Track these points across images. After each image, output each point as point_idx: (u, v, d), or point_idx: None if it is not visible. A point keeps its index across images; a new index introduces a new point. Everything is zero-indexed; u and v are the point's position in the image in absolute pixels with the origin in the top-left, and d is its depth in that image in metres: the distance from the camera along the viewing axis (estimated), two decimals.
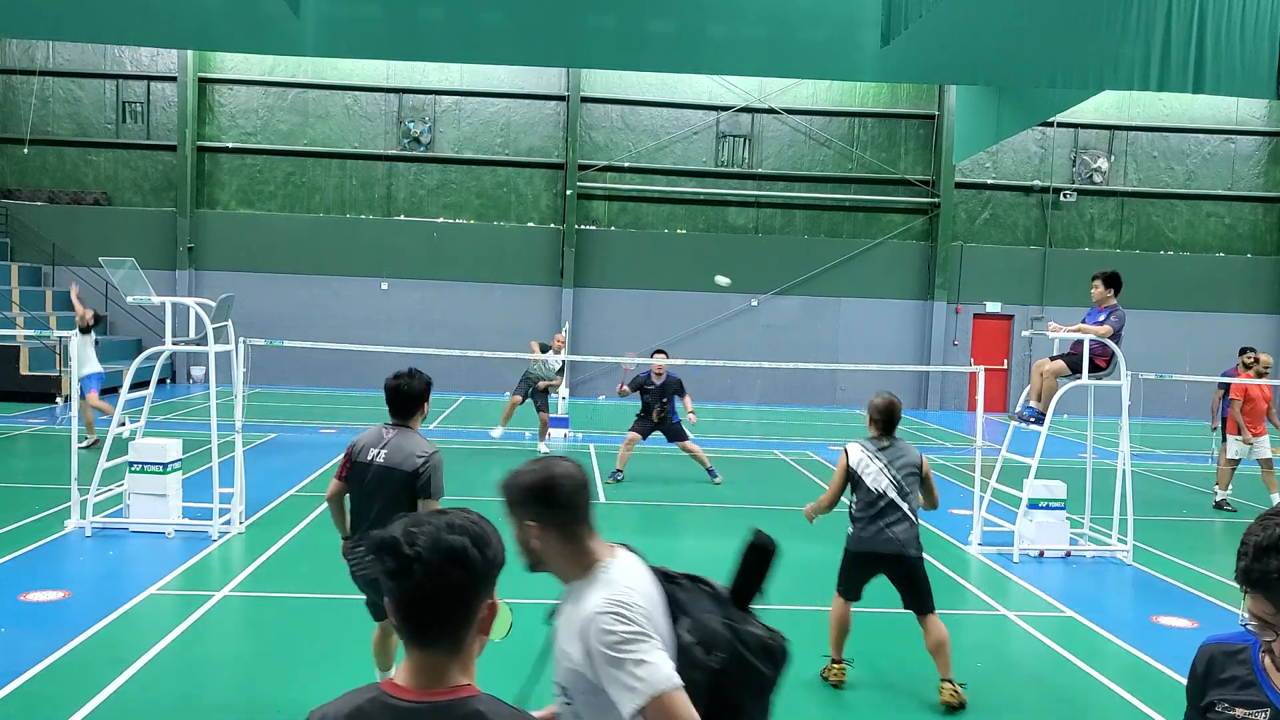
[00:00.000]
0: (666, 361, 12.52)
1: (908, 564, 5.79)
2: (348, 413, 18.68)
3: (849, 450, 5.98)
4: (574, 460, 2.49)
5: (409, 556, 1.68)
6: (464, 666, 1.76)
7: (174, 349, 9.49)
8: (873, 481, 5.82)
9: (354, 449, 5.05)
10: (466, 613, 1.74)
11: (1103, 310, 9.30)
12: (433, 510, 1.79)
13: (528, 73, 23.82)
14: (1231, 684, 2.15)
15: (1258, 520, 2.02)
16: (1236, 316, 25.03)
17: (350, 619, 6.96)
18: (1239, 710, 2.11)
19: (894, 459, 5.89)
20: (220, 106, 23.92)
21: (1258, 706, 2.09)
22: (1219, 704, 2.15)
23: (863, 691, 6.00)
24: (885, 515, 5.77)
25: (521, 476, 2.44)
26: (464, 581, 1.71)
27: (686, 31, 11.90)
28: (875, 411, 6.09)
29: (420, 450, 4.90)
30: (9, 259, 23.03)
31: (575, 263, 24.11)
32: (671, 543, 10.02)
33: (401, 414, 5.08)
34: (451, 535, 1.71)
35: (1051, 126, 24.36)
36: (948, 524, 10.69)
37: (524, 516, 2.41)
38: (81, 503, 9.12)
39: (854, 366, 17.91)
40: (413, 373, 5.13)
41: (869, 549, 5.81)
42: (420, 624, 1.72)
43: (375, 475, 4.90)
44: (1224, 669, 2.18)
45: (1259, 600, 1.97)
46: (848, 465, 5.92)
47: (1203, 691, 2.21)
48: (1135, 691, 6.07)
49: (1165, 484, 14.23)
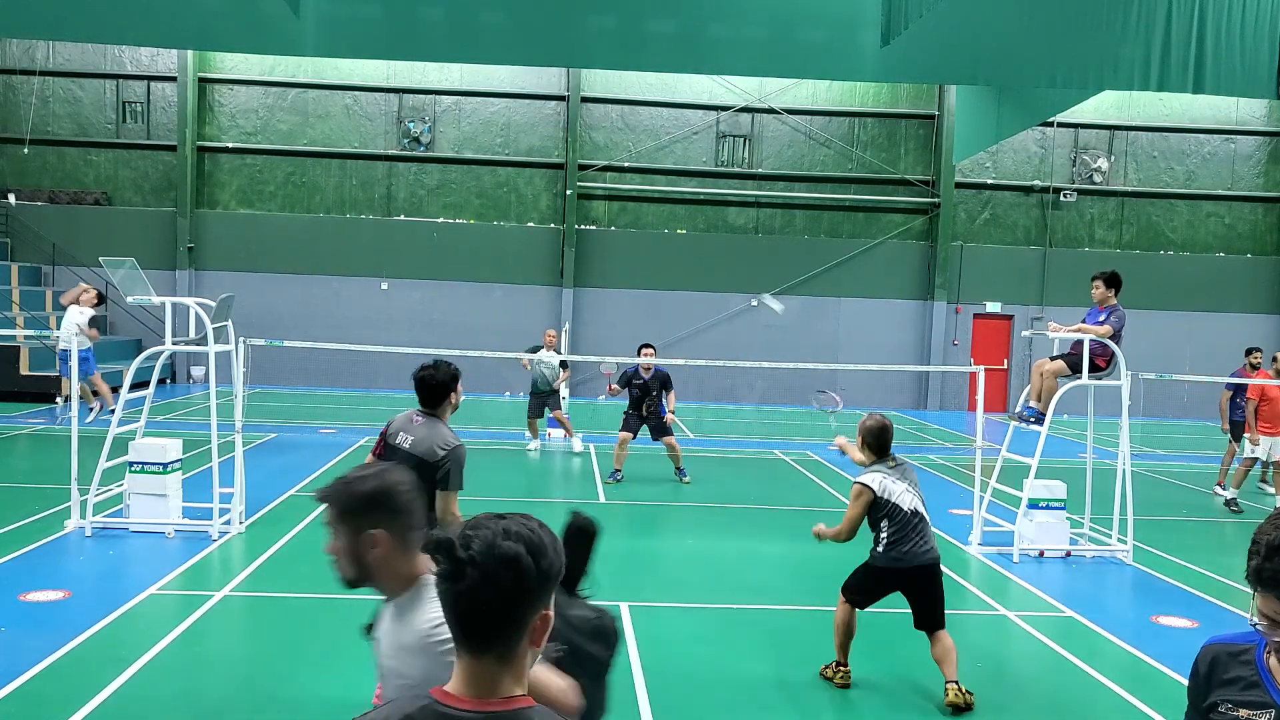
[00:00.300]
0: (653, 360, 12.50)
1: (935, 573, 5.89)
2: (348, 413, 18.67)
3: (869, 483, 5.92)
4: (401, 466, 2.44)
5: (462, 559, 1.67)
6: (517, 676, 1.73)
7: (174, 349, 9.49)
8: (907, 504, 5.89)
9: (388, 430, 5.15)
10: (518, 621, 1.70)
11: (1103, 310, 9.30)
12: (494, 514, 1.76)
13: (528, 73, 23.81)
14: (1235, 684, 2.14)
15: (1269, 519, 2.01)
16: (1236, 316, 25.03)
17: (350, 619, 6.96)
18: (1243, 711, 2.10)
19: (908, 476, 6.03)
20: (220, 106, 23.92)
21: (1263, 707, 2.08)
22: (1222, 704, 2.14)
23: (864, 691, 6.00)
24: (919, 529, 5.88)
25: (358, 485, 2.38)
26: (515, 589, 1.68)
27: (686, 31, 11.89)
28: (869, 435, 6.09)
29: (444, 442, 4.95)
30: (9, 259, 23.02)
31: (575, 263, 24.10)
32: (671, 543, 10.03)
33: (430, 403, 5.15)
34: (506, 541, 1.68)
35: (1051, 126, 24.35)
36: (948, 524, 10.69)
37: (366, 526, 2.35)
38: (81, 503, 9.12)
39: (854, 366, 17.94)
40: (438, 364, 5.20)
41: (905, 564, 5.84)
42: (470, 628, 1.70)
43: (400, 460, 4.97)
44: (1228, 669, 2.17)
45: (1269, 599, 1.96)
46: (875, 498, 5.89)
47: (1205, 692, 2.20)
48: (1135, 692, 6.07)
49: (1165, 484, 14.23)
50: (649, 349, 12.55)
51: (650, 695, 5.75)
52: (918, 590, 5.88)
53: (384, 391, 23.40)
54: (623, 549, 9.32)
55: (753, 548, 9.49)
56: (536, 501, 10.97)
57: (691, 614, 7.40)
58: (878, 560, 5.95)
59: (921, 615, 5.90)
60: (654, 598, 7.69)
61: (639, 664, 6.22)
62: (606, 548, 1.69)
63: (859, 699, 5.90)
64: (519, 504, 5.52)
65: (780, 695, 5.86)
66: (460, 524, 1.73)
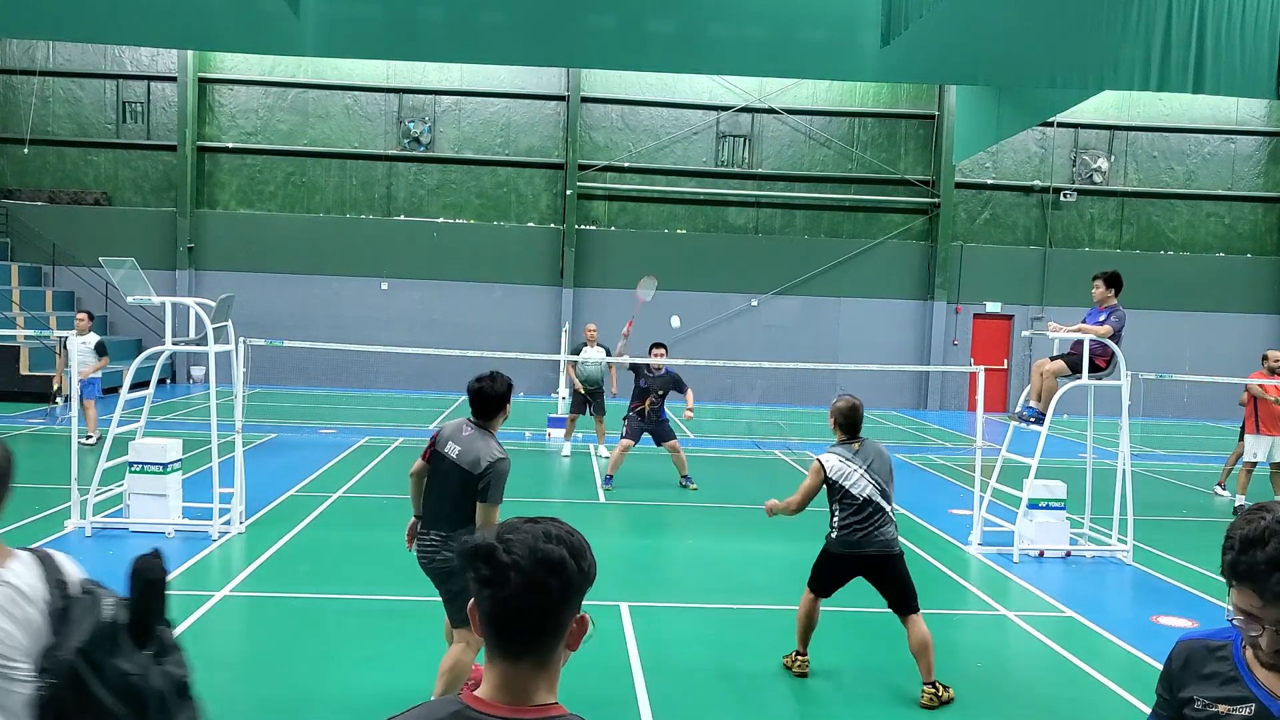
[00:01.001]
0: (664, 361, 12.43)
1: (891, 563, 5.83)
2: (348, 413, 18.67)
3: (825, 462, 5.96)
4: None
5: (505, 564, 1.63)
6: (550, 684, 1.70)
7: (174, 349, 9.49)
8: (858, 489, 5.84)
9: (438, 438, 5.20)
10: (557, 626, 1.68)
11: (1103, 310, 9.30)
12: (524, 518, 1.73)
13: (528, 73, 23.82)
14: (1213, 680, 2.13)
15: (1242, 515, 2.02)
16: (1236, 316, 25.03)
17: (348, 618, 6.97)
18: (1221, 706, 2.10)
19: (869, 461, 5.93)
20: (220, 106, 23.92)
21: (1241, 702, 2.08)
22: (1198, 700, 2.14)
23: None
24: (872, 519, 5.82)
25: None
26: (559, 593, 1.65)
27: (686, 31, 11.89)
28: (840, 415, 6.05)
29: (490, 455, 4.97)
30: (9, 259, 23.03)
31: (575, 263, 24.10)
32: (672, 543, 10.03)
33: (484, 415, 5.18)
34: (549, 545, 1.65)
35: (1051, 126, 24.36)
36: (948, 524, 10.69)
37: None
38: (81, 503, 9.12)
39: (854, 366, 17.92)
40: (495, 375, 5.21)
41: (855, 551, 5.84)
42: (510, 635, 1.66)
43: (444, 469, 5.08)
44: (1204, 665, 2.16)
45: (1245, 593, 1.96)
46: (826, 477, 5.93)
47: (1179, 687, 2.19)
48: (1135, 692, 6.06)
49: (1165, 484, 14.23)
50: (660, 349, 12.43)
51: (650, 695, 5.75)
52: (876, 578, 5.87)
53: (384, 391, 23.40)
54: (623, 549, 9.33)
55: (753, 548, 9.49)
56: (535, 502, 10.97)
57: (691, 614, 7.40)
58: (831, 545, 5.97)
59: (890, 600, 5.88)
60: (654, 598, 7.69)
61: (639, 664, 6.22)
62: (607, 548, 1.66)
63: (859, 696, 5.89)
64: (519, 505, 5.52)
65: (780, 695, 5.86)
66: (492, 529, 1.70)
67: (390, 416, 18.03)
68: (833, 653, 6.46)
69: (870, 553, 5.81)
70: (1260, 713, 2.05)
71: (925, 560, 9.17)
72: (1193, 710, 2.14)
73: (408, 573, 5.61)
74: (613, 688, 5.83)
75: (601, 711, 5.42)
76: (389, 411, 18.91)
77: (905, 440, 18.37)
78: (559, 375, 19.42)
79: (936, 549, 9.61)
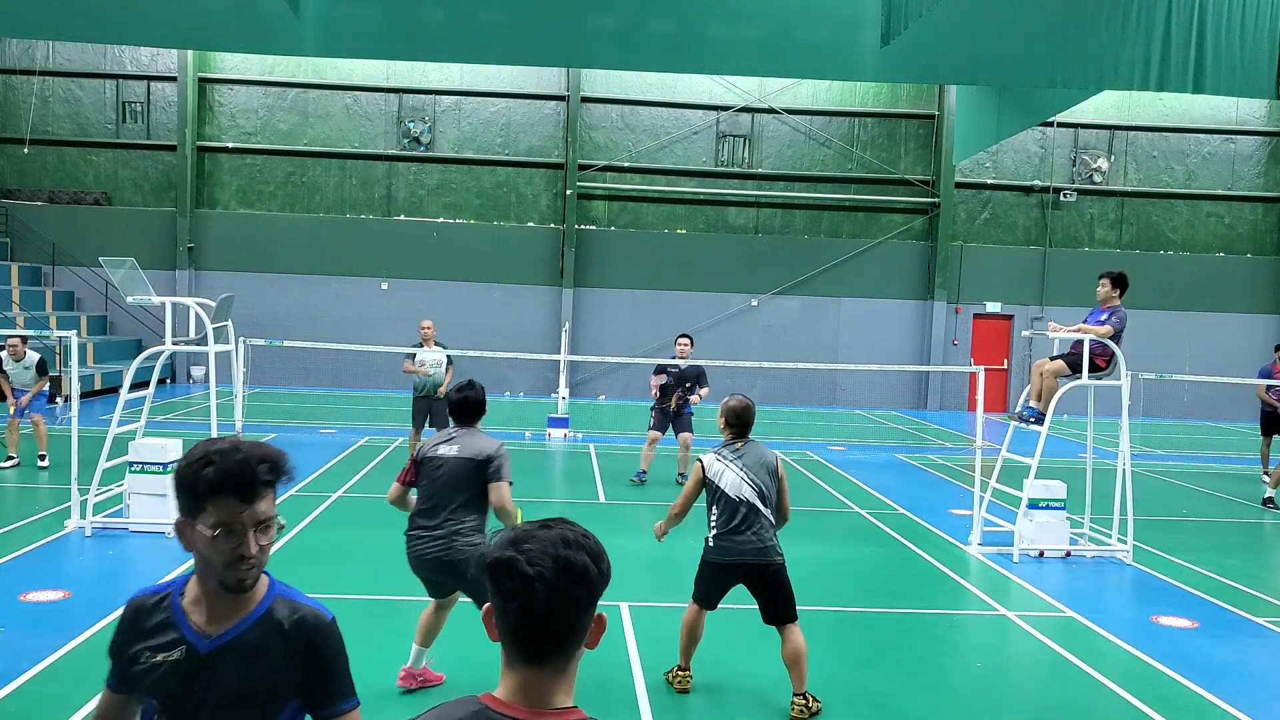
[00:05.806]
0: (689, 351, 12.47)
1: (771, 572, 5.56)
2: (348, 413, 18.67)
3: (704, 462, 5.77)
4: None
5: (529, 576, 1.61)
6: (568, 687, 1.70)
7: (174, 349, 9.49)
8: (734, 490, 5.61)
9: (422, 451, 5.54)
10: (580, 630, 1.68)
11: (1104, 310, 9.30)
12: (534, 522, 1.71)
13: (528, 73, 23.82)
14: (154, 633, 2.21)
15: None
16: (1236, 316, 25.04)
17: (349, 618, 6.96)
18: (160, 655, 2.18)
19: (750, 463, 5.67)
20: (220, 106, 23.92)
21: (174, 647, 2.17)
22: (142, 654, 2.20)
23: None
24: (748, 523, 5.56)
25: None
26: (584, 599, 1.65)
27: (686, 31, 11.90)
28: (730, 414, 5.79)
29: (493, 444, 5.48)
30: (9, 259, 23.03)
31: (575, 263, 24.11)
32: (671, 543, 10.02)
33: (469, 419, 5.62)
34: (569, 551, 1.64)
35: (1051, 126, 24.36)
36: (948, 524, 10.70)
37: None
38: (81, 503, 9.12)
39: (854, 366, 17.92)
40: (472, 383, 5.73)
41: (733, 559, 5.58)
42: (534, 643, 1.65)
43: (449, 467, 5.38)
44: (150, 618, 2.23)
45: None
46: (703, 477, 5.73)
47: (128, 644, 2.24)
48: (1135, 692, 6.06)
49: (1165, 484, 14.23)
50: (685, 339, 12.52)
51: (650, 695, 5.75)
52: (755, 587, 5.61)
53: (384, 391, 23.40)
54: (623, 549, 9.32)
55: None
56: (536, 501, 10.96)
57: None
58: (707, 554, 5.72)
59: (765, 610, 5.62)
60: (654, 598, 7.69)
61: (639, 664, 6.22)
62: (607, 547, 1.65)
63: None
64: (518, 505, 5.54)
65: (780, 695, 5.85)
66: (502, 540, 1.68)
67: (390, 416, 18.01)
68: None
69: (746, 561, 5.54)
70: (189, 653, 2.17)
71: (925, 560, 9.17)
72: (139, 666, 2.20)
73: (408, 573, 5.61)
74: (613, 688, 5.83)
75: (602, 711, 5.41)
76: (389, 411, 18.89)
77: (905, 440, 18.37)
78: (559, 375, 19.43)
79: (936, 549, 9.62)
